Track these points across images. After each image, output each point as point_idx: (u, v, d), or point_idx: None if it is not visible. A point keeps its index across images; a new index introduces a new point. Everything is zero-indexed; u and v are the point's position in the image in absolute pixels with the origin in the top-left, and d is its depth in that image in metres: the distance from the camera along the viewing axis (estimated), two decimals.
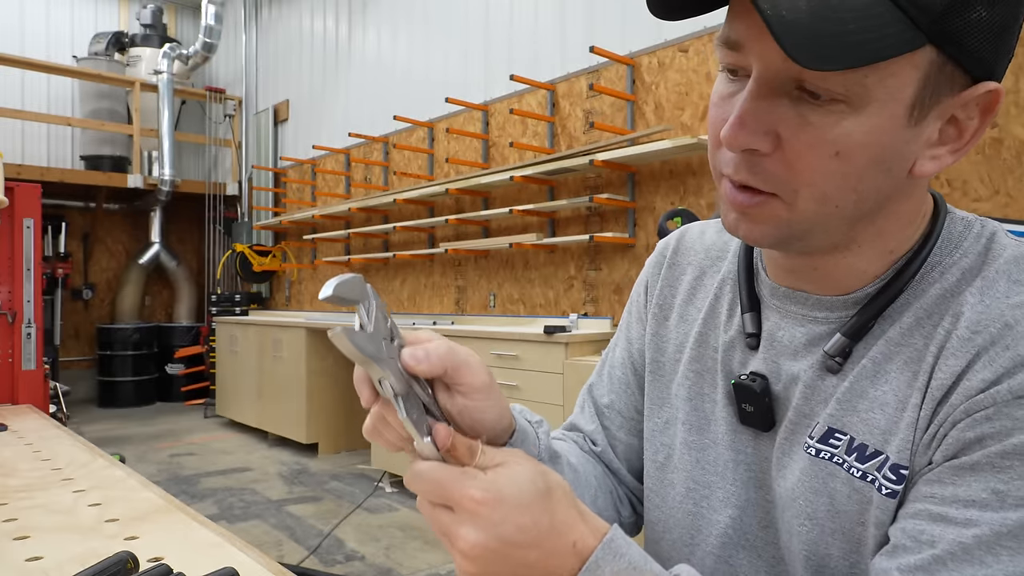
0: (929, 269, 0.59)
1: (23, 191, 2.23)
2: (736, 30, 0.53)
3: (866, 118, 0.51)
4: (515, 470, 0.50)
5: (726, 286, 0.73)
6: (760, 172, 0.55)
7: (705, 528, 0.70)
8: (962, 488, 0.51)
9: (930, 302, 0.57)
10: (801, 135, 0.52)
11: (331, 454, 5.20)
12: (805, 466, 0.61)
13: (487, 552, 0.49)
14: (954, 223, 0.61)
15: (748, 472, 0.67)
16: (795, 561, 0.62)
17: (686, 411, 0.73)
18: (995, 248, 0.58)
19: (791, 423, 0.63)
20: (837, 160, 0.52)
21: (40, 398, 2.21)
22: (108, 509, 1.03)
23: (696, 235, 0.81)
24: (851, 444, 0.58)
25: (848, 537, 0.58)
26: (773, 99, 0.52)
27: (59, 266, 7.34)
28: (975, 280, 0.56)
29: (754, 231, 0.58)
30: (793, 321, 0.65)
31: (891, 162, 0.54)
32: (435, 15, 5.23)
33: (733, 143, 0.54)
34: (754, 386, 0.65)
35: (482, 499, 0.48)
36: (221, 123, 7.92)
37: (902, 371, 0.57)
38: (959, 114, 0.54)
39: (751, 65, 0.53)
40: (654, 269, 0.82)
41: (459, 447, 0.51)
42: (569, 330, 3.46)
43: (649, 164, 3.69)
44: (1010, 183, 2.50)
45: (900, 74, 0.50)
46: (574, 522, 0.51)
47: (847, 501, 0.58)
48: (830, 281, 0.62)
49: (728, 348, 0.70)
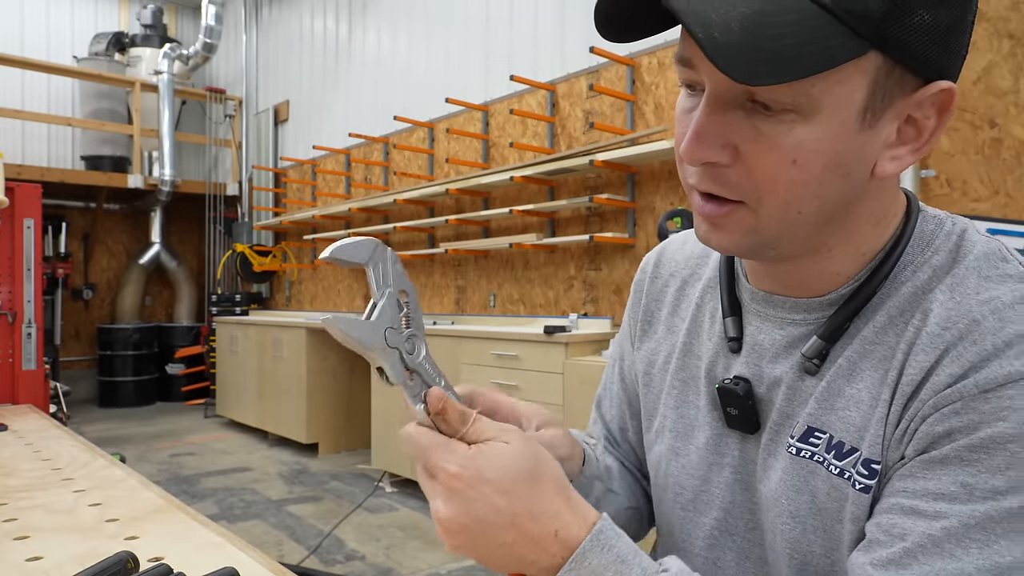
0: (901, 268, 0.59)
1: (23, 191, 2.23)
2: (686, 48, 0.55)
3: (817, 126, 0.51)
4: (500, 448, 0.51)
5: (708, 293, 0.75)
6: (724, 182, 0.56)
7: (692, 531, 0.71)
8: (932, 482, 0.52)
9: (902, 300, 0.58)
10: (757, 146, 0.53)
11: (331, 454, 5.20)
12: (787, 465, 0.62)
13: (458, 527, 0.50)
14: (926, 221, 0.61)
15: (734, 475, 0.68)
16: (779, 560, 0.63)
17: (673, 419, 0.74)
18: (965, 245, 0.59)
19: (775, 424, 0.64)
20: (795, 168, 0.53)
21: (40, 398, 2.21)
22: (108, 509, 1.03)
23: (677, 246, 0.83)
24: (830, 442, 0.59)
25: (829, 534, 0.59)
26: (727, 113, 0.53)
27: (59, 266, 7.34)
28: (945, 277, 0.57)
29: (724, 240, 0.58)
30: (773, 324, 0.66)
31: (849, 166, 0.54)
32: (435, 15, 5.23)
33: (692, 157, 0.55)
34: (737, 389, 0.66)
35: (457, 474, 0.49)
36: (221, 123, 7.92)
37: (875, 369, 0.58)
38: (915, 114, 0.55)
39: (699, 82, 0.55)
40: (637, 287, 0.85)
41: (450, 411, 0.52)
42: (569, 330, 3.46)
43: (649, 164, 3.69)
44: (1010, 183, 2.50)
45: (847, 81, 0.51)
46: (558, 510, 0.51)
47: (827, 498, 0.59)
48: (806, 285, 0.63)
49: (712, 354, 0.71)
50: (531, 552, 0.50)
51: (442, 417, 0.52)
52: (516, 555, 0.50)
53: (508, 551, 0.50)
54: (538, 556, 0.50)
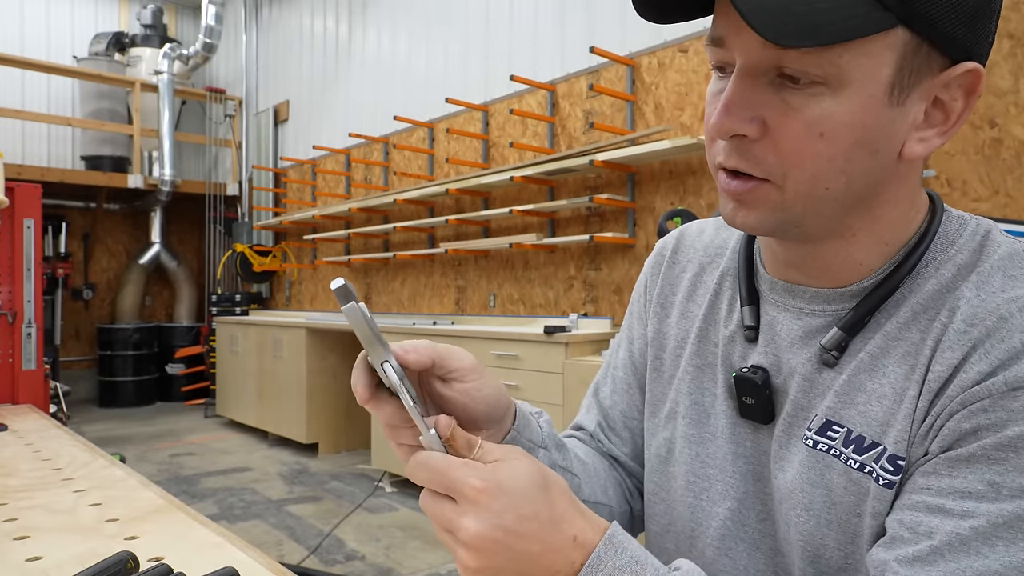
0: (925, 264, 0.60)
1: (23, 191, 2.23)
2: (719, 28, 0.56)
3: (845, 99, 0.52)
4: (513, 464, 0.51)
5: (725, 282, 0.74)
6: (750, 157, 0.56)
7: (705, 520, 0.71)
8: (958, 480, 0.52)
9: (926, 297, 0.58)
10: (785, 119, 0.54)
11: (331, 454, 5.20)
12: (803, 458, 0.62)
13: (489, 543, 0.49)
14: (950, 221, 0.62)
15: (747, 465, 0.68)
16: (792, 552, 0.63)
17: (686, 405, 0.73)
18: (990, 245, 0.59)
19: (789, 415, 0.64)
20: (822, 141, 0.53)
21: (40, 398, 2.21)
22: (108, 509, 1.03)
23: (695, 233, 0.82)
24: (848, 436, 0.59)
25: (844, 528, 0.59)
26: (756, 86, 0.55)
27: (59, 266, 7.34)
28: (971, 275, 0.57)
29: (750, 217, 0.59)
30: (790, 315, 0.66)
31: (877, 143, 0.55)
32: (435, 15, 5.23)
33: (721, 129, 0.56)
34: (755, 378, 0.65)
35: (483, 487, 0.49)
36: (221, 123, 7.92)
37: (899, 364, 0.58)
38: (942, 95, 0.56)
39: (734, 59, 0.56)
40: (654, 268, 0.83)
41: (458, 439, 0.52)
42: (569, 330, 3.46)
43: (649, 164, 3.69)
44: (1010, 183, 2.50)
45: (875, 54, 0.52)
46: (574, 516, 0.51)
47: (843, 492, 0.59)
48: (828, 273, 0.63)
49: (728, 342, 0.71)
50: (555, 561, 0.50)
51: (450, 443, 0.53)
52: (543, 566, 0.50)
53: (533, 563, 0.50)
54: (561, 565, 0.51)
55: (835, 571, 0.60)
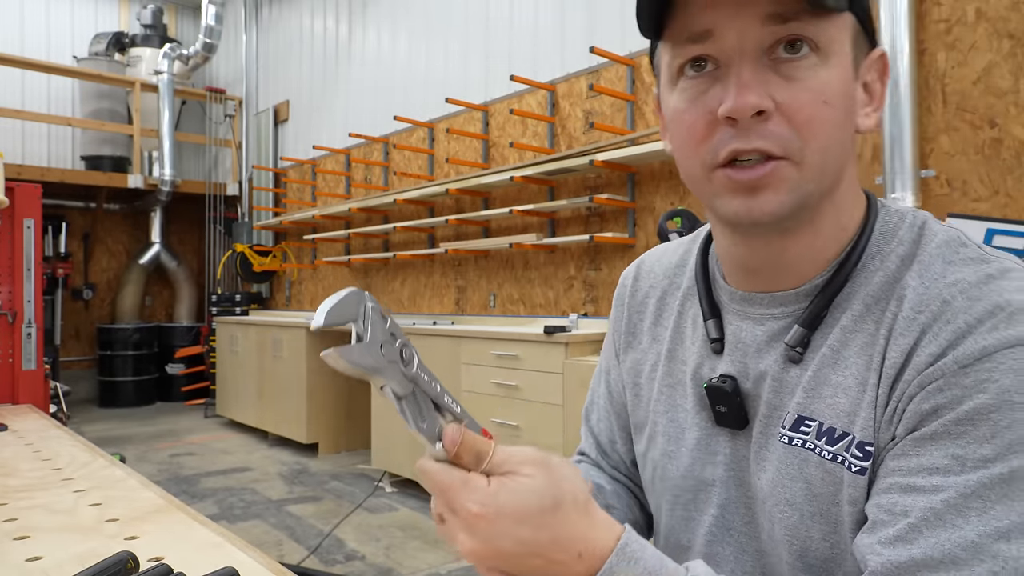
0: (870, 258, 0.63)
1: (23, 191, 2.23)
2: (705, 20, 0.57)
3: (832, 68, 0.58)
4: (522, 483, 0.50)
5: (688, 300, 0.77)
6: (767, 135, 0.57)
7: (693, 530, 0.73)
8: (925, 457, 0.54)
9: (876, 289, 0.61)
10: (791, 91, 0.57)
11: (331, 454, 5.20)
12: (781, 455, 0.64)
13: (484, 559, 0.50)
14: (888, 215, 0.65)
15: (727, 472, 0.70)
16: (779, 549, 0.64)
17: (664, 424, 0.76)
18: (927, 235, 0.62)
19: (764, 417, 0.66)
20: (828, 108, 0.57)
21: (40, 398, 2.21)
22: (108, 509, 1.03)
23: (655, 259, 0.85)
24: (820, 429, 0.62)
25: (827, 519, 0.61)
26: (759, 66, 0.57)
27: (59, 266, 7.34)
28: (912, 265, 0.61)
29: (769, 202, 0.59)
30: (753, 322, 0.68)
31: (853, 114, 0.61)
32: (435, 15, 5.23)
33: (745, 106, 0.56)
34: (725, 387, 0.68)
35: (479, 513, 0.49)
36: (221, 123, 7.92)
37: (859, 356, 0.61)
38: (867, 77, 0.63)
39: (723, 49, 0.57)
40: (618, 301, 0.87)
41: (464, 456, 0.51)
42: (569, 330, 3.46)
43: (649, 164, 3.69)
44: (1009, 183, 2.50)
45: (843, 29, 0.59)
46: (582, 533, 0.51)
47: (821, 484, 0.61)
48: (789, 270, 0.65)
49: (697, 357, 0.73)
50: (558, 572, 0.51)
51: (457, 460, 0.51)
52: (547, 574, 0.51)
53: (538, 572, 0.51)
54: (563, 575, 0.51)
55: (823, 563, 0.61)
